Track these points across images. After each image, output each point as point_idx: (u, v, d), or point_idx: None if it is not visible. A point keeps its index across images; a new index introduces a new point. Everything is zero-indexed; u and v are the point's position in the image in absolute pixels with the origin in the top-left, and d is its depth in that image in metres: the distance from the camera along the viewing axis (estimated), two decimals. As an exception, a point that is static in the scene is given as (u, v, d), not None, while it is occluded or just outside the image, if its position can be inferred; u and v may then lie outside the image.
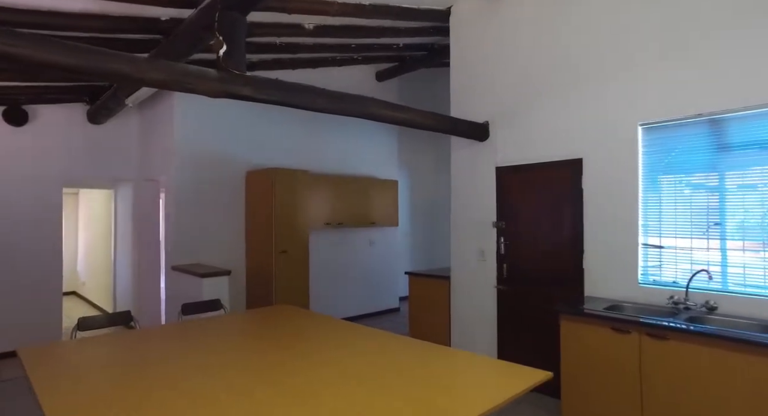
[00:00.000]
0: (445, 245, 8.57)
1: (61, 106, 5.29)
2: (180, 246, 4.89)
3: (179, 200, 4.90)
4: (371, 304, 6.76)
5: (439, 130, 3.65)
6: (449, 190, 8.69)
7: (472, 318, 4.20)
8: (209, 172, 5.14)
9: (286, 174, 5.07)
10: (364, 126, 6.76)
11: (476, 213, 4.20)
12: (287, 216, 5.06)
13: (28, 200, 5.06)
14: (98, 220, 7.49)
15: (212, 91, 2.37)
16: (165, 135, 5.11)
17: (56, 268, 5.25)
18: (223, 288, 4.33)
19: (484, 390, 1.79)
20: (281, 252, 4.98)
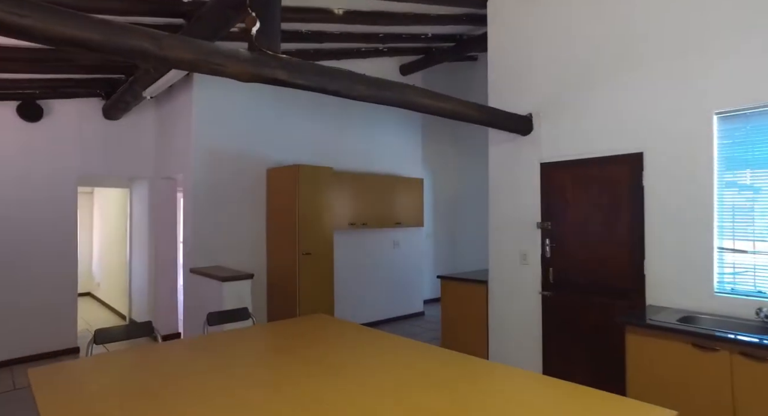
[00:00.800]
0: (468, 246, 8.28)
1: (76, 101, 5.08)
2: (198, 247, 4.64)
3: (197, 199, 4.65)
4: (395, 308, 6.46)
5: (481, 122, 3.34)
6: (471, 188, 8.41)
7: (513, 326, 3.88)
8: (229, 169, 4.89)
9: (310, 171, 4.80)
10: (386, 122, 6.47)
11: (518, 213, 3.88)
12: (312, 216, 4.79)
13: (43, 199, 4.86)
14: (113, 220, 7.31)
15: (243, 74, 2.09)
16: (183, 130, 4.87)
17: (71, 269, 5.04)
18: (245, 293, 4.07)
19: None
20: (305, 254, 4.70)
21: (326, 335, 2.53)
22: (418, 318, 6.65)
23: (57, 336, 4.91)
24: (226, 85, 4.89)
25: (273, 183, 5.07)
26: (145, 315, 5.90)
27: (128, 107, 4.77)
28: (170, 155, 5.24)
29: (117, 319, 6.66)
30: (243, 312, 2.78)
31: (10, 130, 4.68)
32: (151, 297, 5.69)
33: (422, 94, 2.89)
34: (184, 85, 4.87)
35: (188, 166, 4.73)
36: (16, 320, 4.66)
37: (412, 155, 6.85)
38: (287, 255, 4.77)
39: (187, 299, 4.74)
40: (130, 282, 6.37)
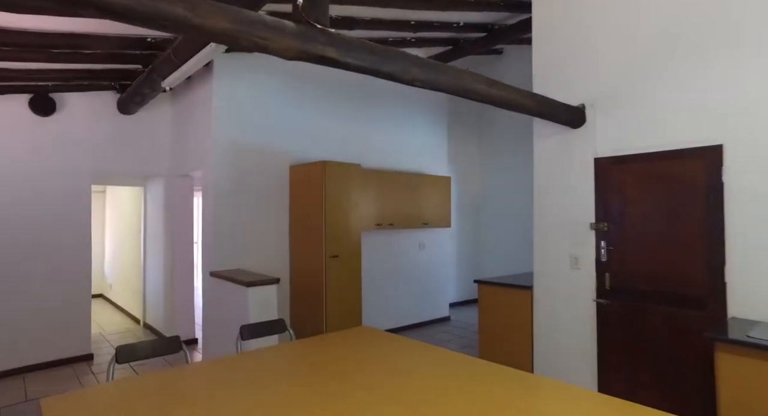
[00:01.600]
0: (493, 248, 7.90)
1: (89, 95, 4.82)
2: (219, 249, 4.36)
3: (217, 198, 4.37)
4: (421, 313, 6.15)
5: (535, 112, 3.02)
6: (496, 188, 8.07)
7: (563, 337, 3.55)
8: (250, 166, 4.61)
9: (337, 168, 4.50)
10: (412, 118, 6.16)
11: (568, 213, 3.55)
12: (339, 217, 4.49)
13: (56, 197, 4.60)
14: (126, 219, 7.07)
15: (289, 50, 1.79)
16: (202, 125, 4.59)
17: (84, 271, 4.78)
18: (270, 299, 3.78)
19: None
20: (332, 256, 4.41)
21: (376, 351, 2.22)
22: (445, 324, 6.33)
23: (70, 342, 4.65)
24: (246, 77, 4.60)
25: (296, 181, 4.78)
26: (160, 319, 5.64)
27: (144, 101, 4.50)
28: (187, 152, 4.97)
29: (130, 322, 6.41)
30: (279, 324, 2.48)
31: (22, 125, 4.43)
32: (167, 301, 5.43)
33: (478, 80, 2.57)
34: (203, 78, 4.60)
35: (207, 162, 4.45)
36: (27, 325, 4.41)
37: (438, 153, 6.53)
38: (313, 258, 4.47)
39: (207, 304, 4.46)
40: (144, 285, 6.11)
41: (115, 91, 4.95)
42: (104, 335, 5.77)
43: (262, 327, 2.41)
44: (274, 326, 2.45)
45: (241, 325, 2.32)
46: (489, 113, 7.81)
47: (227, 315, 3.98)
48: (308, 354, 2.15)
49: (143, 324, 6.15)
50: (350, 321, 4.56)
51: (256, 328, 2.39)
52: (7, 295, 4.31)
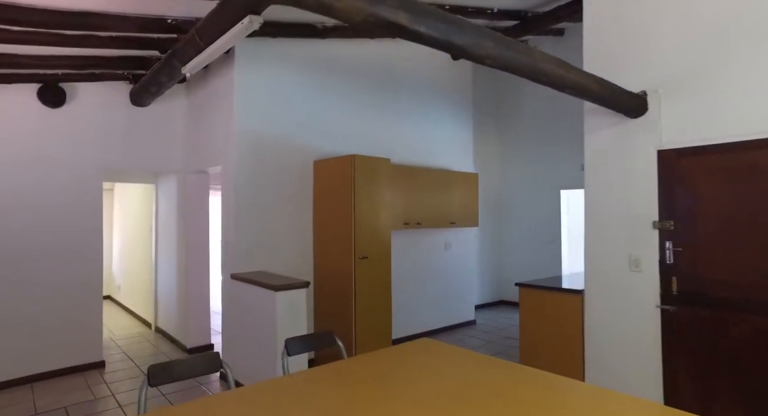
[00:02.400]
0: (516, 248, 7.54)
1: (101, 85, 4.54)
2: (240, 250, 4.07)
3: (239, 195, 4.08)
4: (447, 317, 5.85)
5: (600, 98, 2.72)
6: (519, 187, 7.76)
7: (620, 345, 3.25)
8: (272, 161, 4.31)
9: (367, 162, 4.21)
10: (437, 110, 5.86)
11: (626, 210, 3.25)
12: (369, 215, 4.19)
13: (65, 194, 4.32)
14: (136, 218, 6.79)
15: (357, 12, 1.50)
16: (222, 117, 4.30)
17: (95, 273, 4.50)
18: (300, 304, 3.49)
19: None
20: (362, 257, 4.11)
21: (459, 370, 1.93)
22: (471, 328, 6.03)
23: (81, 349, 4.37)
24: (267, 66, 4.31)
25: (321, 176, 4.48)
26: (172, 323, 5.36)
27: (160, 91, 4.21)
28: (203, 146, 4.68)
29: (141, 326, 6.13)
30: (327, 337, 2.18)
31: (30, 117, 4.15)
32: (180, 304, 5.14)
33: (547, 59, 2.28)
34: (221, 68, 4.31)
35: (228, 157, 4.16)
36: (35, 330, 4.13)
37: (463, 149, 6.24)
38: (341, 260, 4.18)
39: (228, 309, 4.17)
40: (155, 287, 5.83)
41: (128, 82, 4.66)
42: (114, 340, 5.49)
43: (311, 340, 2.11)
44: (323, 339, 2.15)
45: (287, 339, 2.02)
46: (509, 109, 7.51)
47: (252, 322, 3.69)
48: (377, 374, 1.85)
49: (155, 329, 5.87)
50: (380, 328, 4.26)
51: (304, 342, 2.09)
52: (12, 298, 4.03)
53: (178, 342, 5.17)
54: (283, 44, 4.41)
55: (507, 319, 6.55)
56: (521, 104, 7.38)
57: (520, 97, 7.40)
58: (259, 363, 3.56)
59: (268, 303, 3.43)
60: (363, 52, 5.08)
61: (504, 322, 6.34)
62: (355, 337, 4.06)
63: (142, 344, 5.31)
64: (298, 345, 2.05)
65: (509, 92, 7.54)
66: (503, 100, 7.63)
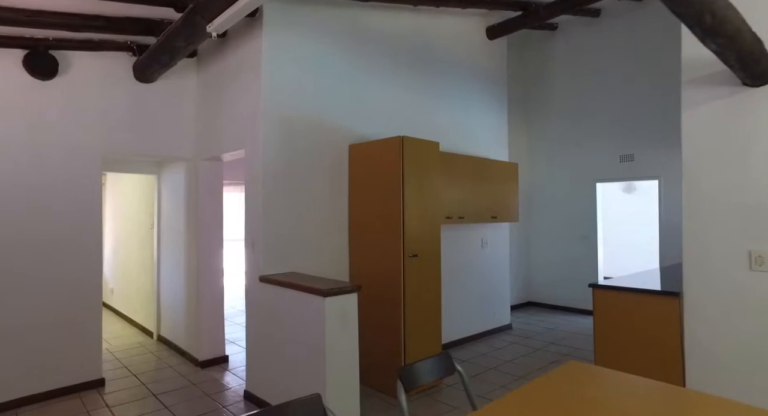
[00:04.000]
0: (544, 244, 6.99)
1: (100, 56, 3.88)
2: (269, 249, 3.46)
3: (267, 186, 3.47)
4: (483, 321, 5.31)
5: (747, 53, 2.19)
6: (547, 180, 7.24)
7: (735, 357, 2.74)
8: (304, 145, 3.72)
9: (417, 146, 3.64)
10: (473, 92, 5.32)
11: (743, 197, 2.74)
12: (419, 207, 3.63)
13: (58, 185, 3.66)
14: (132, 213, 6.09)
15: None
16: (246, 95, 3.69)
17: (93, 276, 3.84)
18: (351, 311, 2.91)
19: None
20: (412, 256, 3.54)
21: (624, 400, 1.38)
22: (507, 333, 5.50)
23: (76, 365, 3.71)
24: (298, 34, 3.71)
25: (359, 162, 3.90)
26: (179, 332, 4.71)
27: (173, 60, 3.58)
28: (220, 129, 4.05)
29: (140, 335, 5.45)
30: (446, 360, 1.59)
31: (14, 90, 3.48)
32: (189, 310, 4.50)
33: None
34: (246, 35, 3.69)
35: (254, 140, 3.54)
36: (21, 345, 3.46)
37: (499, 136, 5.71)
38: (385, 258, 3.60)
39: (254, 316, 3.56)
40: (158, 291, 5.17)
41: (131, 54, 4.01)
42: (112, 351, 4.81)
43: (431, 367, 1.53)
44: (442, 364, 1.57)
45: (401, 368, 1.44)
46: (539, 94, 7.01)
47: (289, 332, 3.09)
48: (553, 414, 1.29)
49: (157, 337, 5.20)
50: (430, 336, 3.70)
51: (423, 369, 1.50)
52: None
53: (187, 353, 4.53)
54: (315, 10, 3.82)
55: (541, 322, 6.04)
56: (552, 89, 6.89)
57: (551, 81, 6.90)
58: (299, 381, 2.97)
59: (314, 310, 2.83)
60: (397, 25, 4.51)
61: (540, 326, 5.83)
62: (405, 349, 3.48)
63: (144, 356, 4.64)
64: (416, 374, 1.47)
65: (540, 76, 7.04)
66: (533, 83, 7.11)
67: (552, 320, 6.14)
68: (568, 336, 5.31)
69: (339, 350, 2.82)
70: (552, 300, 6.86)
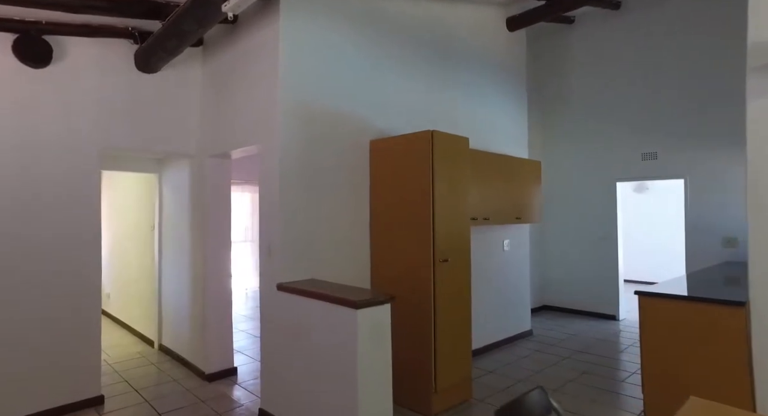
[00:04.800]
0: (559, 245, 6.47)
1: (99, 43, 3.55)
2: (287, 254, 3.14)
3: (285, 184, 3.16)
4: (505, 327, 5.03)
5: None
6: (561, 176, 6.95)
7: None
8: (322, 140, 3.41)
9: (448, 141, 3.35)
10: (493, 85, 5.05)
11: (820, 197, 2.48)
12: (450, 207, 3.34)
13: (52, 183, 3.33)
14: (130, 214, 5.75)
15: None
16: (260, 83, 3.37)
17: (92, 283, 3.51)
18: (384, 324, 2.61)
19: None
20: (442, 261, 3.25)
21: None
22: (529, 340, 5.23)
23: (72, 381, 3.37)
24: (316, 19, 3.40)
25: (382, 159, 3.60)
26: (182, 341, 4.39)
27: (180, 46, 3.26)
28: (230, 123, 3.73)
29: (140, 344, 5.11)
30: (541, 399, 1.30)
31: (1, 78, 3.14)
32: (194, 319, 4.18)
33: None
34: (261, 20, 3.38)
35: (270, 134, 3.23)
36: (11, 359, 3.12)
37: (519, 132, 5.44)
38: (412, 264, 3.30)
39: (270, 328, 3.24)
40: (159, 297, 4.83)
41: (133, 41, 3.68)
42: (110, 363, 4.47)
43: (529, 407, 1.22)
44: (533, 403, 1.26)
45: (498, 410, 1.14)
46: (555, 88, 6.75)
47: (313, 347, 2.78)
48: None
49: (158, 347, 4.87)
50: (460, 348, 3.41)
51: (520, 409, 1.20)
52: (-17, 320, 3.02)
53: (192, 365, 4.21)
54: (334, -7, 3.52)
55: (561, 327, 5.78)
56: (568, 84, 6.62)
57: (567, 75, 6.64)
58: (325, 400, 2.67)
59: (343, 323, 2.53)
60: (415, 13, 4.22)
61: (561, 332, 5.57)
62: (436, 363, 3.19)
63: (146, 369, 4.31)
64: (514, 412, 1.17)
65: (554, 70, 6.77)
66: (547, 78, 6.84)
67: (572, 325, 5.88)
68: (593, 343, 5.05)
69: (371, 367, 2.52)
70: (569, 304, 6.60)
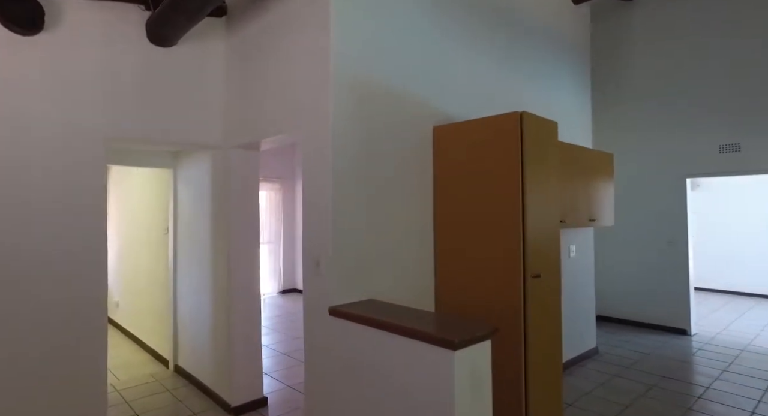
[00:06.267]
0: (616, 249, 5.55)
1: (102, 7, 2.91)
2: (341, 269, 2.48)
3: (339, 183, 2.49)
4: (572, 346, 4.35)
5: None
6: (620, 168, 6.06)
7: None
8: (382, 126, 2.74)
9: (539, 127, 2.67)
10: (557, 67, 4.36)
11: None
12: (540, 210, 2.66)
13: (45, 175, 2.70)
14: (141, 215, 5.13)
15: None
16: (303, 58, 2.71)
17: (97, 293, 2.88)
18: (484, 368, 1.95)
19: None
20: (534, 276, 2.58)
21: None
22: (595, 359, 4.54)
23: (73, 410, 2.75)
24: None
25: (450, 149, 2.93)
26: (203, 364, 3.76)
27: (201, 12, 2.61)
28: (260, 107, 3.08)
29: (153, 363, 4.49)
30: None
31: (-17, 47, 2.52)
32: (218, 338, 3.55)
33: None
34: (301, -27, 2.71)
35: (319, 120, 2.57)
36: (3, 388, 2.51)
37: (583, 121, 4.76)
38: (497, 280, 2.63)
39: (323, 362, 2.59)
40: (174, 310, 4.21)
41: (144, 8, 3.04)
42: (118, 389, 3.86)
43: None
44: None
45: None
46: (612, 74, 6.02)
47: (385, 391, 2.13)
48: None
49: (174, 368, 4.24)
50: (553, 385, 2.74)
51: None
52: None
53: (213, 394, 3.58)
54: (392, -56, 2.85)
55: (625, 343, 5.09)
56: (630, 66, 5.87)
57: (628, 57, 5.90)
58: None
59: (433, 367, 1.87)
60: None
61: (628, 349, 4.87)
62: (527, 404, 2.53)
63: (160, 396, 3.69)
64: None
65: (613, 51, 6.03)
66: (604, 60, 6.09)
67: (638, 341, 5.17)
68: (675, 366, 4.34)
69: (468, 425, 1.87)
70: (628, 315, 5.90)
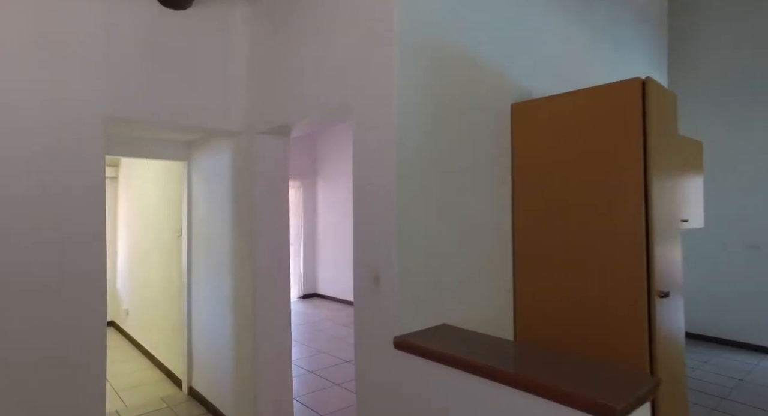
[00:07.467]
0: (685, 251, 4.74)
1: (101, -45, 2.35)
2: (407, 287, 1.87)
3: (404, 177, 1.87)
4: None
5: None
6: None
7: None
8: (456, 105, 2.12)
9: (662, 100, 2.03)
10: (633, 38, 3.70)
11: None
12: (666, 207, 2.03)
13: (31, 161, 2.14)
14: (152, 214, 4.59)
15: None
16: (353, 17, 2.11)
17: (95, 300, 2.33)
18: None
19: None
20: (662, 295, 1.94)
21: None
22: (679, 384, 3.85)
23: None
24: None
25: (532, 132, 2.30)
26: (222, 389, 3.19)
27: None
28: (295, 82, 2.48)
29: (165, 384, 3.94)
30: None
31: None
32: (241, 360, 2.97)
33: None
34: None
35: (376, 96, 1.95)
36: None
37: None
38: (608, 299, 1.99)
39: (384, 407, 1.98)
40: (189, 323, 3.65)
41: (152, -41, 2.48)
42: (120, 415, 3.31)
43: None
44: None
45: None
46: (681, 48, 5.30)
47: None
48: None
49: (188, 391, 3.69)
50: None
51: None
52: None
53: (235, 427, 3.00)
54: None
55: (705, 365, 4.38)
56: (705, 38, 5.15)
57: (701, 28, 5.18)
58: None
59: (571, 445, 1.25)
60: None
61: (712, 372, 4.17)
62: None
63: (172, 428, 3.13)
64: None
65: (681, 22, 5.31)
66: (678, 26, 5.34)
67: (721, 362, 4.45)
68: (777, 393, 3.65)
69: None
70: (701, 329, 5.18)
